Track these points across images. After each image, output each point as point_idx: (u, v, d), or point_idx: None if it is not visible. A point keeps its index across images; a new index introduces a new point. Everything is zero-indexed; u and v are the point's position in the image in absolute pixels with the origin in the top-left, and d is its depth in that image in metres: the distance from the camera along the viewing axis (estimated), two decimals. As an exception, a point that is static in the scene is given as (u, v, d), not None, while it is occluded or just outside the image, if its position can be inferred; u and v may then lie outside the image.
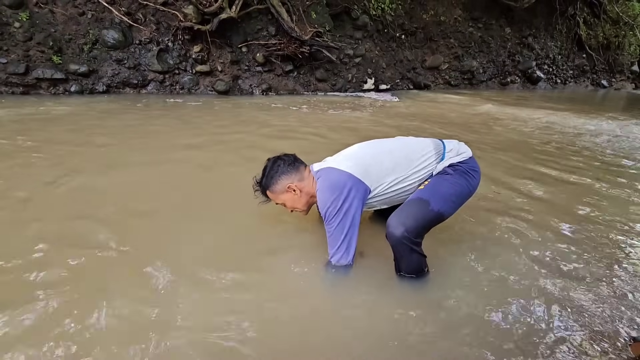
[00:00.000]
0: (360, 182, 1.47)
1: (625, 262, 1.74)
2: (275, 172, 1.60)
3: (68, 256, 1.54)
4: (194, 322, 1.22)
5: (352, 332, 1.24)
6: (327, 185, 1.48)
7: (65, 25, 5.64)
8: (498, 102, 7.71)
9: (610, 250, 1.84)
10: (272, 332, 1.21)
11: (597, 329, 1.30)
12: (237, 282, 1.45)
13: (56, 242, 1.64)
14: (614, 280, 1.59)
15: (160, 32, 6.21)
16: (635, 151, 3.95)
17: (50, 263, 1.49)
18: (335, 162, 1.57)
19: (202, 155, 3.01)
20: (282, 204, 1.65)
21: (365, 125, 4.61)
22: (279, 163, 1.61)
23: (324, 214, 1.47)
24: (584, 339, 1.25)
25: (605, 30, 13.32)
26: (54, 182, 2.29)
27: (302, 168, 1.63)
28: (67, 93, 5.51)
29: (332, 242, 1.49)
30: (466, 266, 1.65)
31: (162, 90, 6.21)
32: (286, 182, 1.58)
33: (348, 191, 1.44)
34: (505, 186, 2.62)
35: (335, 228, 1.46)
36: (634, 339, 1.26)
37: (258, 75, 6.97)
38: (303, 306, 1.35)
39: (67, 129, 3.53)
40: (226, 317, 1.25)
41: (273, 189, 1.61)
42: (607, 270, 1.66)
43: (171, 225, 1.88)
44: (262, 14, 6.89)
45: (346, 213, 1.43)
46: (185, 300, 1.32)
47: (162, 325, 1.20)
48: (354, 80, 8.02)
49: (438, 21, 9.74)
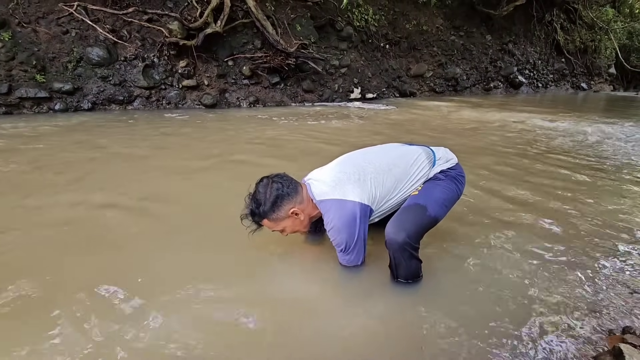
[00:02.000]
0: (366, 207, 1.47)
1: (605, 258, 1.77)
2: (275, 197, 1.44)
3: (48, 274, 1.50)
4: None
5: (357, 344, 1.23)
6: (341, 224, 1.44)
7: (49, 44, 5.62)
8: (482, 107, 7.88)
9: (592, 246, 1.88)
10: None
11: (575, 323, 1.32)
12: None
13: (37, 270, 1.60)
14: (593, 277, 1.62)
15: (145, 48, 6.23)
16: (613, 151, 4.07)
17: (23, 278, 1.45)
18: (339, 189, 1.46)
19: (204, 175, 2.98)
20: (281, 230, 1.53)
21: (355, 133, 4.65)
22: (276, 187, 1.45)
23: (340, 249, 1.51)
24: (563, 332, 1.27)
25: (582, 35, 13.82)
26: (41, 206, 2.25)
27: (300, 188, 1.52)
28: (51, 111, 5.45)
29: (347, 264, 1.56)
30: (453, 269, 1.67)
31: (148, 106, 6.19)
32: (289, 207, 1.46)
33: (359, 221, 1.44)
34: (488, 190, 2.67)
35: (352, 258, 1.52)
36: (610, 331, 1.29)
37: (245, 88, 7.01)
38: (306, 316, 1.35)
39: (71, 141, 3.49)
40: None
41: (274, 217, 1.46)
42: (587, 267, 1.70)
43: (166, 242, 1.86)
44: (248, 27, 6.98)
45: (357, 240, 1.48)
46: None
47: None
48: (341, 90, 8.13)
49: (421, 30, 9.98)
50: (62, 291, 1.42)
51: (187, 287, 1.46)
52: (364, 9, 8.75)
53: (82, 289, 1.43)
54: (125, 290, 1.43)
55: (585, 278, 1.61)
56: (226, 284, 1.50)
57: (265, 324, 1.29)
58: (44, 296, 1.40)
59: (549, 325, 1.31)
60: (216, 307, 1.36)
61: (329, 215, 1.46)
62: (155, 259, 1.68)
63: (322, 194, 1.48)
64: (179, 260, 1.68)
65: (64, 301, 1.36)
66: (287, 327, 1.29)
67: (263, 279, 1.56)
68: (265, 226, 1.53)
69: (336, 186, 1.47)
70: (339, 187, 1.46)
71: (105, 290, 1.43)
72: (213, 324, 1.28)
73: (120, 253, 1.73)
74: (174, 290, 1.44)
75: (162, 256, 1.71)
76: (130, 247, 1.78)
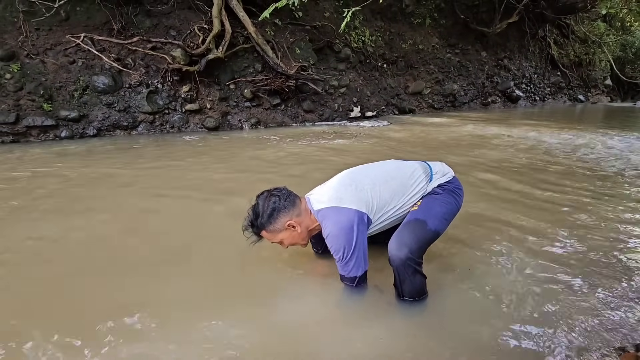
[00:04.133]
0: (363, 213, 1.48)
1: (614, 273, 1.75)
2: (272, 209, 1.49)
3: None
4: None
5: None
6: (338, 230, 1.44)
7: (56, 74, 5.79)
8: (480, 121, 7.95)
9: (599, 262, 1.86)
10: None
11: (586, 341, 1.30)
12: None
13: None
14: (602, 293, 1.60)
15: (149, 74, 6.40)
16: (619, 163, 4.07)
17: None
18: (336, 198, 1.51)
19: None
20: (279, 242, 1.56)
21: (358, 152, 4.69)
22: (274, 200, 1.50)
23: (338, 257, 1.48)
24: (573, 351, 1.25)
25: (575, 49, 14.07)
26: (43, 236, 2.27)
27: (298, 201, 1.56)
28: (58, 139, 5.56)
29: (347, 278, 1.52)
30: (457, 286, 1.65)
31: (152, 131, 6.30)
32: (285, 219, 1.49)
33: (357, 228, 1.44)
34: (491, 203, 2.67)
35: (351, 268, 1.48)
36: (622, 349, 1.26)
37: (247, 110, 7.14)
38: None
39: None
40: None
41: (271, 228, 1.50)
42: (596, 282, 1.67)
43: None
44: (248, 52, 7.17)
45: (355, 248, 1.45)
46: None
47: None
48: (340, 109, 8.25)
49: (417, 49, 10.21)
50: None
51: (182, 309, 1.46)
52: (361, 30, 9.00)
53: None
54: (128, 314, 1.43)
55: (594, 294, 1.59)
56: (222, 305, 1.50)
57: (256, 349, 1.27)
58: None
59: (560, 344, 1.29)
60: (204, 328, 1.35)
61: (325, 222, 1.49)
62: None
63: (319, 204, 1.53)
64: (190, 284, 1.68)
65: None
66: (281, 352, 1.26)
67: (262, 301, 1.56)
68: (265, 238, 1.56)
69: (333, 196, 1.52)
70: (336, 196, 1.51)
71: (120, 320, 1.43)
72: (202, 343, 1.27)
73: (124, 276, 1.73)
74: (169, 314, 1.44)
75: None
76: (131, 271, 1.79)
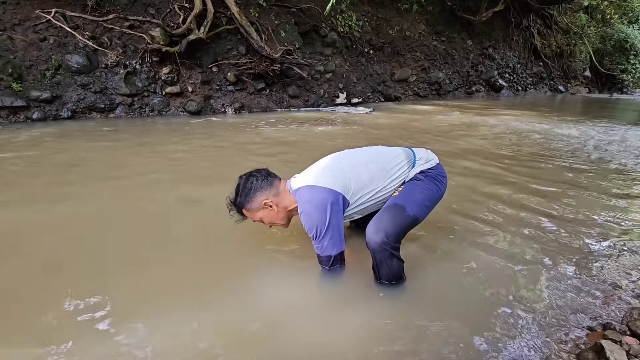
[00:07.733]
0: (338, 194, 1.49)
1: (585, 258, 1.82)
2: (249, 189, 1.55)
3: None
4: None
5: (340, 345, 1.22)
6: (311, 207, 1.47)
7: (26, 51, 5.46)
8: (464, 110, 8.03)
9: (571, 247, 1.92)
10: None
11: (558, 321, 1.35)
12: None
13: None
14: (574, 277, 1.66)
15: (127, 55, 6.13)
16: (590, 151, 4.20)
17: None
18: (313, 178, 1.54)
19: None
20: (260, 220, 1.62)
21: (342, 138, 4.67)
22: (252, 180, 1.57)
23: (312, 235, 1.50)
24: (545, 330, 1.30)
25: (558, 40, 14.31)
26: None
27: (277, 182, 1.60)
28: (29, 120, 5.29)
29: (323, 257, 1.54)
30: (435, 270, 1.68)
31: (130, 114, 6.08)
32: (261, 199, 1.55)
33: (330, 207, 1.46)
34: (471, 190, 2.71)
35: (325, 245, 1.50)
36: (590, 328, 1.32)
37: (230, 94, 6.97)
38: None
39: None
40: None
41: (249, 207, 1.57)
42: (568, 267, 1.73)
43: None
44: (232, 34, 6.95)
45: (329, 226, 1.46)
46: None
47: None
48: (326, 95, 8.16)
49: (404, 36, 10.15)
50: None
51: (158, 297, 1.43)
52: (348, 15, 8.85)
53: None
54: (98, 302, 1.39)
55: (565, 277, 1.65)
56: (198, 295, 1.49)
57: (236, 336, 1.26)
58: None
59: (531, 324, 1.33)
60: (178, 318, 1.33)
61: (300, 200, 1.53)
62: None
63: (297, 184, 1.57)
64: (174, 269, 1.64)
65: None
66: (259, 340, 1.26)
67: (240, 288, 1.55)
68: (247, 216, 1.62)
69: (312, 176, 1.56)
70: (314, 177, 1.55)
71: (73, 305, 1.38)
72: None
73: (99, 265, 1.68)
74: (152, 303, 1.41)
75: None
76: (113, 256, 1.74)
